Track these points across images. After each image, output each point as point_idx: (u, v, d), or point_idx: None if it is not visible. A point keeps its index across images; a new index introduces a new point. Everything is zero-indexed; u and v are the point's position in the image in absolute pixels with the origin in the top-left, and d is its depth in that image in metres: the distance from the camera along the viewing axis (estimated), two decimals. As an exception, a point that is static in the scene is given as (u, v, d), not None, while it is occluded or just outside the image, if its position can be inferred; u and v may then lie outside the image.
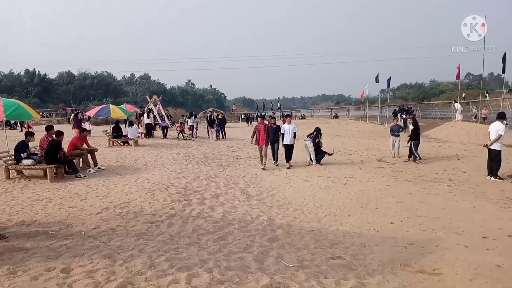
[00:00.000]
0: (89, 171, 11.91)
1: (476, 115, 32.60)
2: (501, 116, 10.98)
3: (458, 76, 31.80)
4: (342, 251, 5.74)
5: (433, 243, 5.97)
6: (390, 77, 38.72)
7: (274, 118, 15.72)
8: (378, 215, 7.67)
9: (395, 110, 43.64)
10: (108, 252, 5.27)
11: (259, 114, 18.03)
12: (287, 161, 13.70)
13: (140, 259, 4.97)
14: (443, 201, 8.56)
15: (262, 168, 13.16)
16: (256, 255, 5.38)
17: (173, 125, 30.97)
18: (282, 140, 13.81)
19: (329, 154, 14.61)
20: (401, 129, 15.87)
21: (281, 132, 13.86)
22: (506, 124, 11.07)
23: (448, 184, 10.23)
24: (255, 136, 13.58)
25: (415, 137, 14.19)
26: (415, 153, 14.09)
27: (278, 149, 14.07)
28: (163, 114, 32.53)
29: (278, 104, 71.21)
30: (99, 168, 12.43)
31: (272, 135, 13.74)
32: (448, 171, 12.09)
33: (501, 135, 10.53)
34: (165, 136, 24.45)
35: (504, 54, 22.65)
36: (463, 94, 63.74)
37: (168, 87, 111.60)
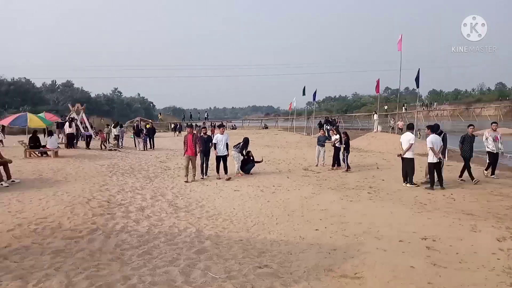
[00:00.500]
0: (1, 184, 10.94)
1: (393, 127, 35.05)
2: (410, 127, 12.01)
3: (377, 90, 33.96)
4: (270, 260, 5.80)
5: (355, 248, 6.24)
6: (316, 90, 40.33)
7: (205, 128, 15.53)
8: (304, 222, 7.88)
9: (320, 121, 45.55)
10: (20, 272, 4.85)
11: (189, 124, 17.85)
12: (218, 172, 13.40)
13: (56, 279, 4.63)
14: (364, 207, 9.02)
15: (186, 181, 12.64)
16: (182, 268, 5.26)
17: (97, 135, 29.56)
18: (215, 150, 13.48)
19: (259, 162, 14.87)
20: (327, 139, 16.62)
21: (213, 142, 13.57)
22: (420, 135, 12.03)
23: (369, 191, 10.81)
24: (184, 146, 13.18)
25: (346, 148, 14.82)
26: (347, 163, 14.68)
27: (208, 160, 13.70)
28: (87, 123, 30.97)
29: (206, 114, 70.61)
30: (12, 181, 11.45)
31: (203, 146, 13.41)
32: (369, 179, 12.79)
33: (412, 144, 11.41)
34: (88, 147, 23.24)
35: (418, 71, 24.58)
36: (385, 107, 68.34)
37: (93, 95, 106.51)
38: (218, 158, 13.45)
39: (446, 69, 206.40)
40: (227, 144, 13.56)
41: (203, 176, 13.40)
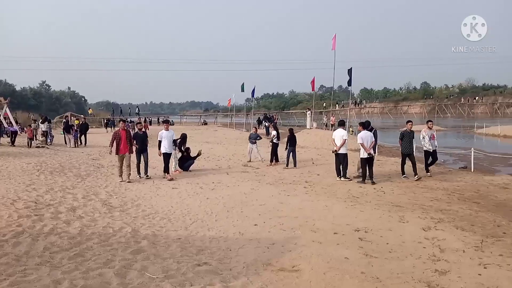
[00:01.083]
0: None
1: (326, 123, 36.41)
2: (341, 124, 12.54)
3: (313, 88, 34.99)
4: (209, 257, 5.76)
5: (292, 242, 6.39)
6: (254, 87, 40.73)
7: (141, 123, 14.92)
8: (243, 218, 7.93)
9: (259, 118, 46.07)
10: None
11: (123, 119, 16.95)
12: (168, 172, 12.67)
13: (-26, 288, 4.26)
14: (300, 201, 9.26)
15: (121, 181, 11.84)
16: (118, 269, 5.07)
17: (23, 130, 27.59)
18: (160, 148, 12.67)
19: (197, 156, 14.71)
20: (258, 138, 16.79)
21: (158, 139, 12.78)
22: (352, 131, 12.53)
23: (305, 186, 11.12)
24: (114, 143, 12.10)
25: (291, 144, 15.00)
26: (287, 159, 14.87)
27: (147, 159, 12.82)
28: (11, 118, 28.80)
29: (137, 108, 67.27)
30: None
31: (140, 144, 12.63)
32: (305, 174, 13.16)
33: (346, 139, 11.90)
34: (13, 143, 21.62)
35: (350, 69, 25.63)
36: (324, 104, 70.67)
37: (18, 88, 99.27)
38: (165, 156, 12.62)
39: (377, 69, 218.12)
40: (174, 141, 13.12)
41: (140, 175, 12.65)
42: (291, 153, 14.84)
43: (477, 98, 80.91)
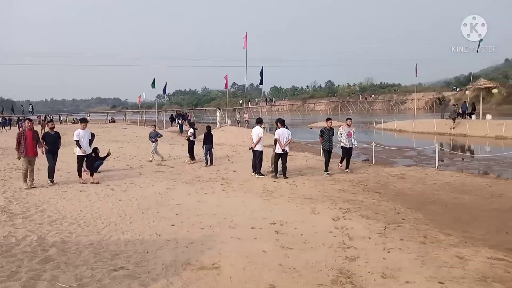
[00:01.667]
0: None
1: (240, 120, 36.95)
2: (258, 121, 12.73)
3: (226, 85, 35.25)
4: (125, 261, 5.55)
5: (211, 239, 6.41)
6: (166, 83, 39.82)
7: (52, 122, 13.44)
8: (160, 219, 7.75)
9: (172, 115, 45.17)
10: None
11: (26, 118, 15.19)
12: (92, 174, 11.70)
13: None
14: (218, 198, 9.31)
15: (26, 188, 10.61)
16: (25, 281, 4.67)
17: None
18: (81, 148, 11.49)
19: (107, 156, 13.95)
20: (159, 135, 16.46)
21: (75, 139, 11.55)
22: (264, 127, 12.82)
23: (222, 183, 11.20)
24: (20, 145, 10.69)
25: (208, 142, 14.87)
26: (207, 157, 14.72)
27: (54, 163, 11.54)
28: None
29: (30, 106, 61.70)
30: None
31: (51, 145, 11.35)
32: (221, 171, 13.24)
33: (261, 137, 12.19)
34: None
35: (262, 68, 26.31)
36: (241, 101, 71.46)
37: None
38: (81, 157, 11.65)
39: (285, 68, 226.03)
40: (90, 140, 12.12)
41: (52, 181, 11.39)
42: (208, 151, 14.81)
43: (373, 96, 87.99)
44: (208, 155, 14.78)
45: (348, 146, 13.09)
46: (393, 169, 13.87)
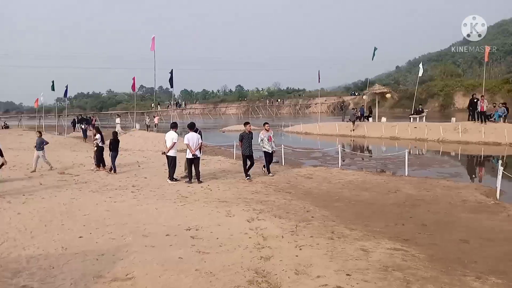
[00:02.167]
0: None
1: (149, 125, 35.91)
2: (173, 126, 12.45)
3: (133, 88, 34.02)
4: (29, 279, 5.10)
5: (124, 249, 6.16)
6: (67, 86, 37.26)
7: None
8: (65, 231, 7.24)
9: (74, 119, 42.33)
10: None
11: None
12: None
13: None
14: (129, 207, 8.95)
15: None
16: None
17: None
18: None
19: (1, 166, 12.58)
20: (44, 143, 15.08)
21: None
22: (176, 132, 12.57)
23: (132, 190, 10.78)
24: None
25: (114, 148, 14.12)
26: (113, 165, 13.98)
27: None
28: None
29: None
30: None
31: None
32: (131, 178, 12.74)
33: (175, 142, 11.98)
34: None
35: (171, 71, 25.88)
36: (152, 104, 69.30)
37: None
38: None
39: (196, 71, 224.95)
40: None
41: None
42: (114, 158, 14.13)
43: (279, 100, 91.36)
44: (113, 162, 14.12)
45: (270, 151, 13.06)
46: (301, 170, 14.55)
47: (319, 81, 38.17)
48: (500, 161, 13.82)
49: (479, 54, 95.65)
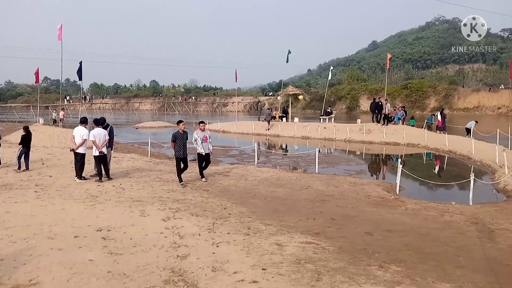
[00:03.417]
0: None
1: (56, 119, 33.42)
2: (83, 121, 11.68)
3: (37, 80, 31.34)
4: None
5: (26, 253, 5.67)
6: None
7: None
8: (-46, 236, 6.47)
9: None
10: None
11: None
12: None
13: None
14: (31, 207, 8.25)
15: None
16: None
17: None
18: None
19: None
20: None
21: None
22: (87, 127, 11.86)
23: (36, 190, 9.95)
24: None
25: (25, 144, 12.81)
26: (21, 161, 12.70)
27: None
28: None
29: None
30: None
31: None
32: (34, 177, 11.74)
33: (85, 139, 11.27)
34: None
35: (80, 63, 24.30)
36: (67, 97, 64.15)
37: None
38: None
39: (107, 64, 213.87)
40: None
41: None
42: (25, 154, 12.91)
43: (192, 97, 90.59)
44: (24, 158, 12.91)
45: (204, 153, 11.71)
46: (218, 168, 14.60)
47: (236, 80, 38.50)
48: (399, 160, 15.17)
49: (382, 61, 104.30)
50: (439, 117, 25.96)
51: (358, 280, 4.86)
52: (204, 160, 11.83)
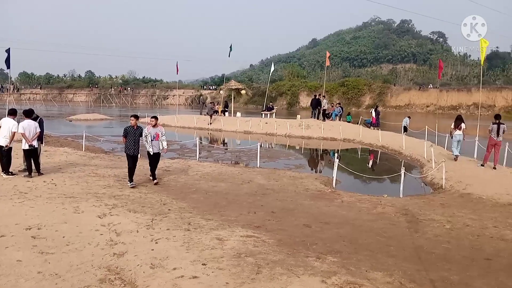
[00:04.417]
0: None
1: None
2: (11, 112, 10.84)
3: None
4: None
5: None
6: None
7: None
8: None
9: None
10: None
11: None
12: None
13: None
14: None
15: None
16: None
17: None
18: None
19: None
20: None
21: None
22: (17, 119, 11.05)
23: (-46, 187, 9.14)
24: None
25: None
26: None
27: None
28: None
29: None
30: None
31: None
32: (-47, 172, 10.77)
33: (15, 132, 10.46)
34: None
35: (8, 50, 22.57)
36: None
37: None
38: None
39: (38, 52, 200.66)
40: None
41: None
42: None
43: (128, 89, 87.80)
44: None
45: (153, 152, 10.63)
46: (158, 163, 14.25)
47: (177, 73, 37.75)
48: (336, 154, 15.72)
49: (321, 59, 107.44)
50: (373, 114, 27.31)
51: (297, 272, 4.98)
52: (154, 160, 10.80)
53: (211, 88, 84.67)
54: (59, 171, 11.63)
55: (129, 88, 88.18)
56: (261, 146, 16.35)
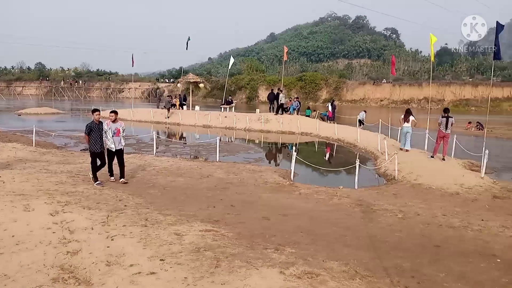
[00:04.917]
0: None
1: None
2: None
3: None
4: None
5: None
6: None
7: None
8: None
9: None
10: None
11: None
12: None
13: None
14: None
15: None
16: None
17: None
18: None
19: None
20: None
21: None
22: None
23: None
24: None
25: None
26: None
27: None
28: None
29: None
30: None
31: None
32: None
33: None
34: None
35: None
36: None
37: None
38: None
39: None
40: None
41: None
42: None
43: (79, 81, 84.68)
44: None
45: (115, 149, 10.12)
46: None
47: (133, 65, 36.77)
48: (294, 148, 15.97)
49: (279, 53, 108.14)
50: (330, 108, 27.90)
51: (255, 264, 5.04)
52: (114, 157, 10.24)
53: (168, 81, 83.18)
54: (7, 167, 11.07)
55: (80, 81, 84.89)
56: (220, 140, 16.29)
